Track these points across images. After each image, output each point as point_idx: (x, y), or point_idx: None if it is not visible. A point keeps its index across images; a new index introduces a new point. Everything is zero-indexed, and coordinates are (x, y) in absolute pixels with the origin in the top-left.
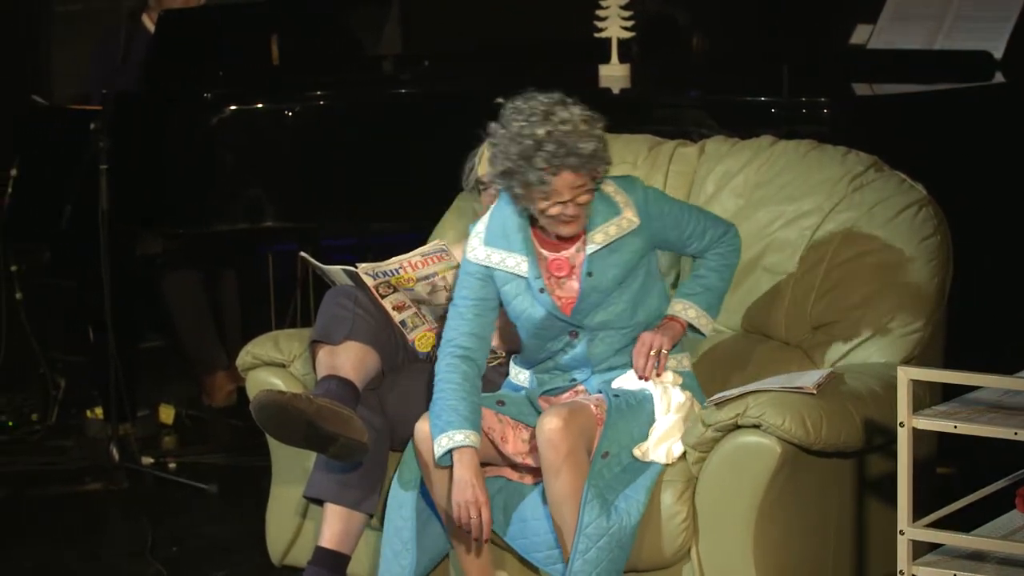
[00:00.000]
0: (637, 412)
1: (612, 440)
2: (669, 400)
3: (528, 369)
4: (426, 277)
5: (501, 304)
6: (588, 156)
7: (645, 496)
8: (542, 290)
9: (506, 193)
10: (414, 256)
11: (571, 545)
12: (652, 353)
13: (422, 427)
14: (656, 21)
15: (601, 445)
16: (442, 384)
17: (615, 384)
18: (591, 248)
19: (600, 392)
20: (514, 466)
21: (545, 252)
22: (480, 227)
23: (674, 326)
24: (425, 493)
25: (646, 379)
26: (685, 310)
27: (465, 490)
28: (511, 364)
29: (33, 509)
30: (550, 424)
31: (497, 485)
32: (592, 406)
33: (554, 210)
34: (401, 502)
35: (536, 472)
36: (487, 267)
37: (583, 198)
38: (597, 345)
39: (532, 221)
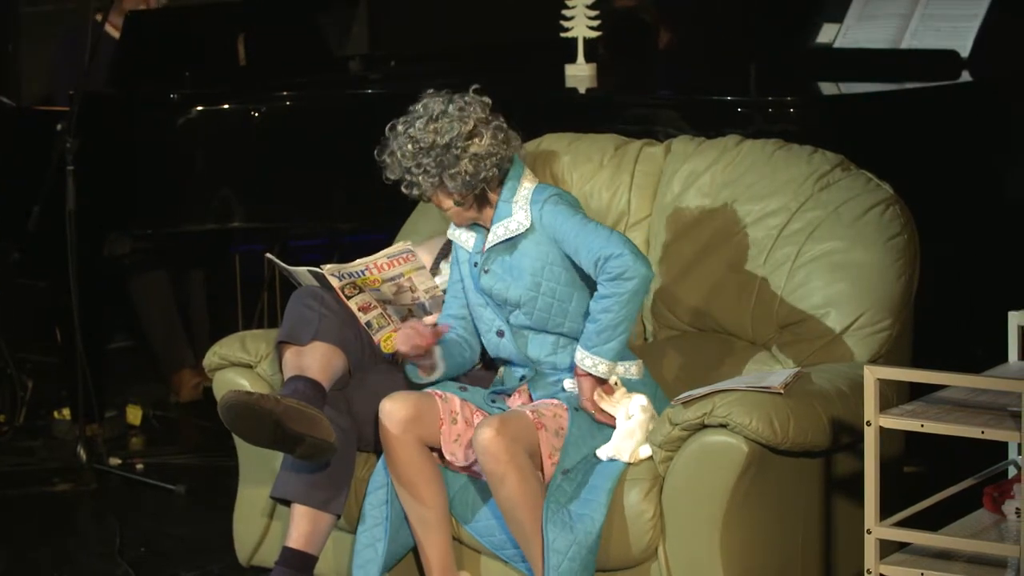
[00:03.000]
0: (597, 429)
1: (572, 457)
2: (628, 406)
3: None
4: (392, 279)
5: None
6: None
7: (606, 497)
8: (476, 264)
9: None
10: (379, 258)
11: (532, 548)
12: (598, 414)
13: (385, 404)
14: (622, 21)
15: (561, 463)
16: None
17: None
18: (489, 242)
19: (555, 399)
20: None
21: None
22: None
23: (581, 381)
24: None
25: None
26: (582, 360)
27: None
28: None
29: (1, 510)
30: (483, 435)
31: (461, 481)
32: (528, 412)
33: None
34: (379, 498)
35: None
36: (454, 243)
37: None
38: (527, 345)
39: None
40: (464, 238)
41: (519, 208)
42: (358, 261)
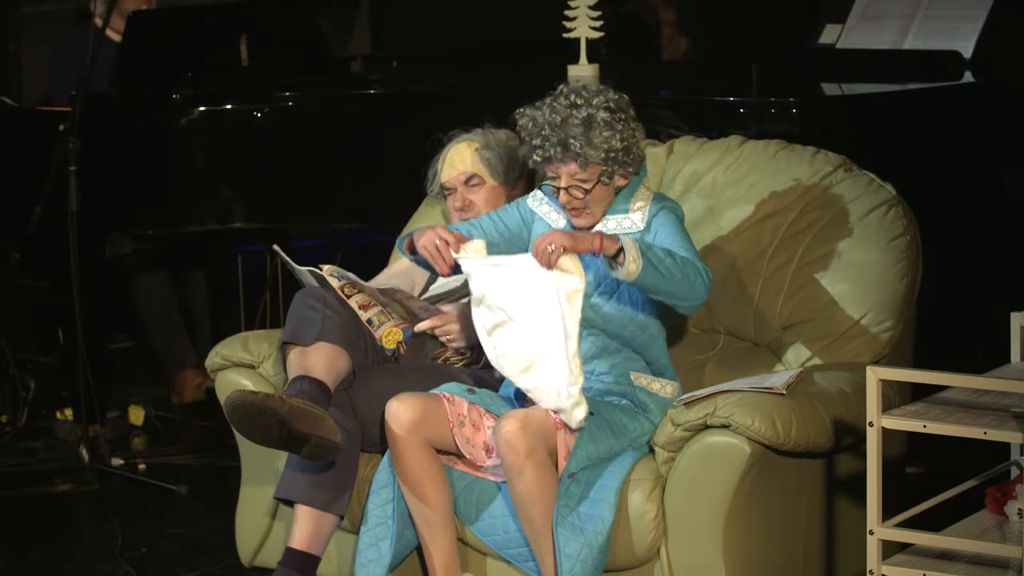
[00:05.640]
0: (607, 434)
1: (581, 460)
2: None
3: None
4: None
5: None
6: (576, 152)
7: (615, 496)
8: None
9: None
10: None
11: (541, 545)
12: (550, 250)
13: (391, 404)
14: (625, 21)
15: (569, 466)
16: None
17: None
18: (595, 229)
19: None
20: (472, 465)
21: None
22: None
23: (591, 238)
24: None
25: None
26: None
27: (424, 232)
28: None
29: (2, 510)
30: (507, 427)
31: (466, 480)
32: (551, 411)
33: (561, 195)
34: (382, 498)
35: (492, 471)
36: (534, 213)
37: (580, 192)
38: (581, 340)
39: None
40: (554, 217)
41: (638, 209)
42: (355, 278)
